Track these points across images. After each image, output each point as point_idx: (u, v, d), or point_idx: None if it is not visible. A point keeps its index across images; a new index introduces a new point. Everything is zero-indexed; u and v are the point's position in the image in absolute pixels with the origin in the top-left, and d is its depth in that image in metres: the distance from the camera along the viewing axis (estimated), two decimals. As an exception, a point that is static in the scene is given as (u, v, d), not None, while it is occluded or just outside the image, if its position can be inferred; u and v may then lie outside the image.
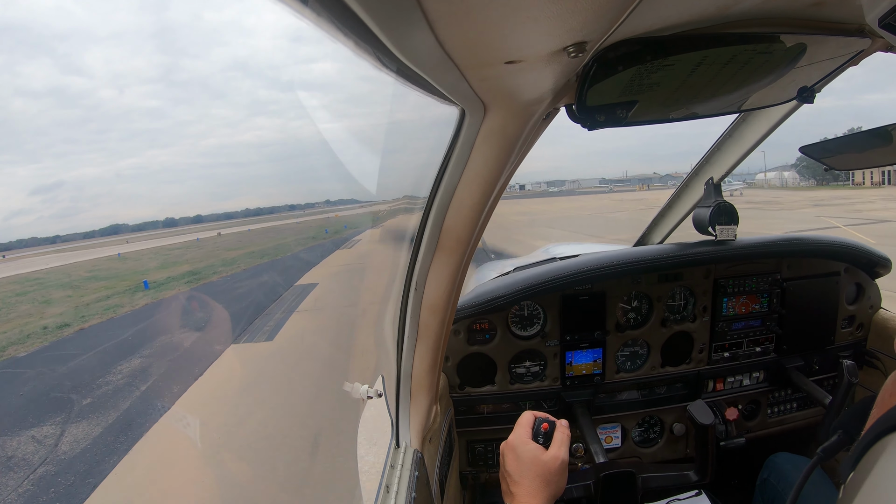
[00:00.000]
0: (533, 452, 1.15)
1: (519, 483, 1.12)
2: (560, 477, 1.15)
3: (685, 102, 0.84)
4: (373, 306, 1.90)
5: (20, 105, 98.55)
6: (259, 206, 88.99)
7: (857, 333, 2.21)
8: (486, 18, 0.47)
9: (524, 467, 1.13)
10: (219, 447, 4.76)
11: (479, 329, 1.99)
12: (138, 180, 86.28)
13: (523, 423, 1.22)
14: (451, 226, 1.10)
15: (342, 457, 3.99)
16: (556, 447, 1.16)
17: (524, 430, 1.19)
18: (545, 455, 1.14)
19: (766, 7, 0.66)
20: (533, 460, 1.13)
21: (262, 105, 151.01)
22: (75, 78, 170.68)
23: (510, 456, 1.17)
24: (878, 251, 2.16)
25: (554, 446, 1.16)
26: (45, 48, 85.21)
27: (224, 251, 22.09)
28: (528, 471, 1.13)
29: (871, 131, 1.09)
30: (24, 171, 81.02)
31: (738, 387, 2.16)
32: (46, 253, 27.27)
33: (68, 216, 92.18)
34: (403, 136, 1.11)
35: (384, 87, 0.70)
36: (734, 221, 2.02)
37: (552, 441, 1.18)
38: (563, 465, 1.16)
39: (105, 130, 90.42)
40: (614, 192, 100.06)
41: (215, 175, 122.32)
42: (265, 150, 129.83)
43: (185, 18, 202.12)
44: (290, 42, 56.56)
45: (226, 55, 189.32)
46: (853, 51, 0.82)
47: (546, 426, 1.19)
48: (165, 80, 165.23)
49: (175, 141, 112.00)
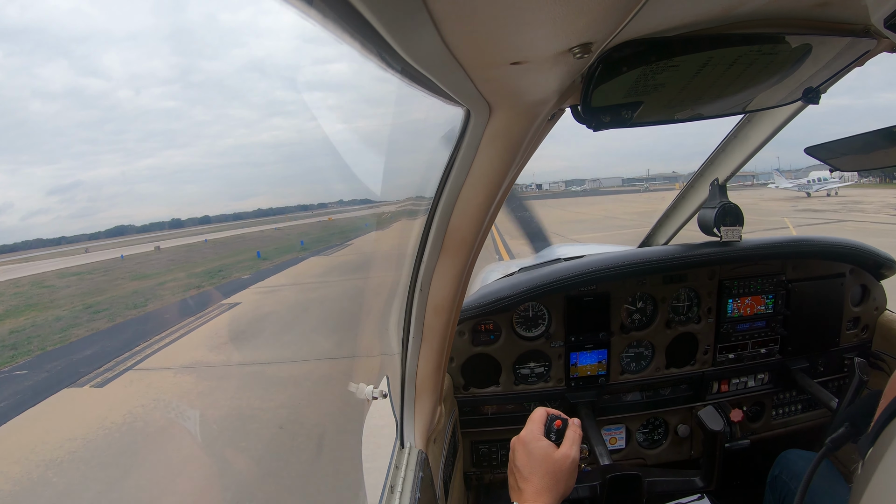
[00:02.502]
0: (545, 449, 1.13)
1: (528, 479, 1.11)
2: (570, 476, 1.13)
3: (690, 103, 0.84)
4: (376, 307, 1.88)
5: (38, 106, 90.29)
6: (271, 206, 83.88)
7: (862, 335, 2.20)
8: (492, 19, 0.47)
9: (535, 464, 1.12)
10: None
11: (483, 330, 1.99)
12: (155, 180, 77.41)
13: (536, 418, 1.20)
14: (456, 226, 1.10)
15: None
16: (567, 445, 1.15)
17: (537, 426, 1.17)
18: (557, 453, 1.13)
19: (772, 8, 0.66)
20: (544, 457, 1.12)
21: (275, 106, 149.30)
22: (92, 79, 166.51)
23: (521, 451, 1.15)
24: (884, 252, 2.15)
25: (566, 444, 1.15)
26: (63, 50, 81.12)
27: (127, 281, 13.43)
28: (539, 467, 1.11)
29: (878, 132, 1.08)
30: (42, 172, 72.63)
31: (742, 388, 2.15)
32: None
33: (85, 216, 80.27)
34: (409, 137, 1.12)
35: (390, 88, 0.71)
36: (739, 222, 2.01)
37: (564, 439, 1.16)
38: (574, 464, 1.14)
39: (122, 131, 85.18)
40: (650, 190, 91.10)
41: (232, 175, 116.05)
42: (280, 150, 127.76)
43: (200, 20, 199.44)
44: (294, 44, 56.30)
45: (242, 56, 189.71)
46: (858, 51, 0.82)
47: (559, 423, 1.17)
48: (182, 81, 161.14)
49: (192, 141, 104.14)
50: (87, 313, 9.76)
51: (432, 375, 1.44)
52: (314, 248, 20.80)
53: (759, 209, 30.34)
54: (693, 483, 1.56)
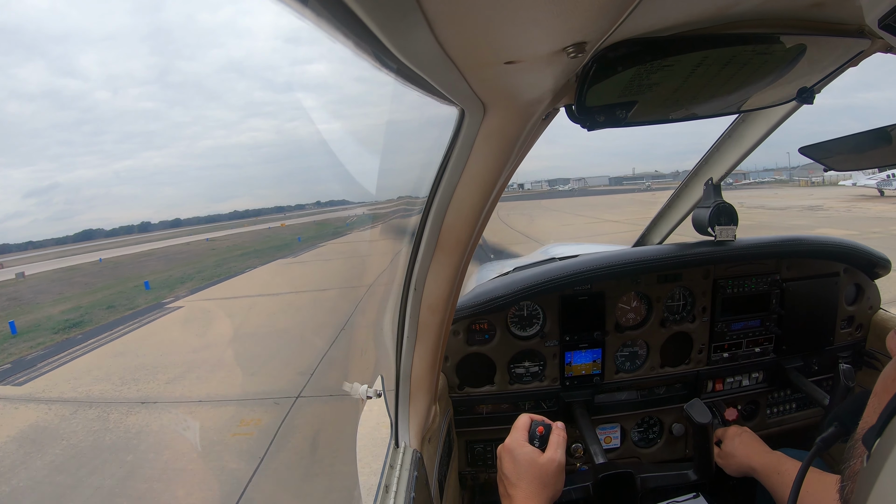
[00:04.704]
0: (529, 455, 1.16)
1: (516, 486, 1.14)
2: (557, 479, 1.16)
3: (685, 103, 0.84)
4: (371, 307, 1.87)
5: (15, 107, 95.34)
6: (248, 207, 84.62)
7: (856, 334, 2.21)
8: (486, 19, 0.47)
9: (521, 470, 1.15)
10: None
11: (478, 329, 1.99)
12: (133, 182, 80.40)
13: (519, 426, 1.23)
14: (450, 225, 1.10)
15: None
16: (552, 450, 1.18)
17: (520, 434, 1.21)
18: (541, 458, 1.16)
19: (766, 8, 0.66)
20: (529, 463, 1.15)
21: (257, 106, 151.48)
22: (70, 80, 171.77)
23: (507, 459, 1.18)
24: (878, 252, 2.16)
25: (550, 449, 1.18)
26: (40, 50, 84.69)
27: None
28: (525, 473, 1.14)
29: (871, 132, 1.09)
30: (19, 174, 78.64)
31: (737, 387, 2.16)
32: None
33: (63, 218, 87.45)
34: (403, 137, 1.11)
35: (384, 87, 0.70)
36: (733, 222, 2.02)
37: (548, 444, 1.19)
38: (560, 467, 1.17)
39: (100, 132, 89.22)
40: (652, 189, 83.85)
41: (211, 177, 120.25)
42: (260, 152, 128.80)
43: (179, 20, 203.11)
44: (288, 43, 55.54)
45: (221, 56, 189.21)
46: (853, 52, 0.82)
47: (542, 429, 1.20)
48: (160, 82, 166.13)
49: (170, 143, 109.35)
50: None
51: (427, 375, 1.44)
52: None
53: (859, 215, 23.40)
54: (686, 476, 1.57)
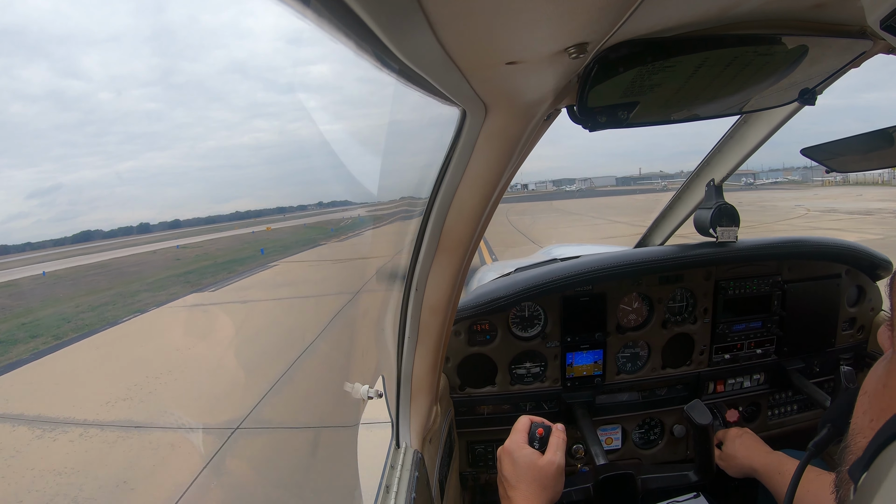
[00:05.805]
0: (529, 457, 1.16)
1: (516, 488, 1.14)
2: (556, 481, 1.16)
3: (686, 104, 0.84)
4: (373, 307, 1.86)
5: (18, 108, 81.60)
6: (249, 208, 76.37)
7: (857, 336, 2.21)
8: (487, 20, 0.47)
9: (521, 472, 1.15)
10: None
11: (479, 330, 1.99)
12: (136, 183, 69.96)
13: (519, 428, 1.23)
14: (451, 227, 1.10)
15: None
16: (551, 452, 1.18)
17: (520, 436, 1.21)
18: (541, 460, 1.16)
19: (768, 9, 0.66)
20: (529, 465, 1.15)
21: (260, 107, 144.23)
22: (73, 81, 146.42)
23: (507, 461, 1.19)
24: (880, 253, 2.15)
25: (549, 451, 1.18)
26: (43, 51, 74.25)
27: None
28: (525, 475, 1.14)
29: (873, 133, 1.09)
30: (22, 175, 67.23)
31: (738, 389, 2.16)
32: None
33: (66, 219, 74.54)
34: (404, 137, 1.11)
35: (386, 88, 0.71)
36: (735, 223, 2.01)
37: (548, 446, 1.19)
38: (559, 469, 1.17)
39: (103, 133, 78.57)
40: (668, 189, 74.70)
41: (213, 178, 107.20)
42: (262, 153, 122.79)
43: (182, 21, 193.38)
44: (290, 45, 55.88)
45: (223, 57, 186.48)
46: (855, 52, 0.82)
47: (541, 431, 1.20)
48: (163, 83, 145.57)
49: (173, 143, 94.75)
50: None
51: (428, 375, 1.44)
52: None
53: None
54: (687, 477, 1.57)
